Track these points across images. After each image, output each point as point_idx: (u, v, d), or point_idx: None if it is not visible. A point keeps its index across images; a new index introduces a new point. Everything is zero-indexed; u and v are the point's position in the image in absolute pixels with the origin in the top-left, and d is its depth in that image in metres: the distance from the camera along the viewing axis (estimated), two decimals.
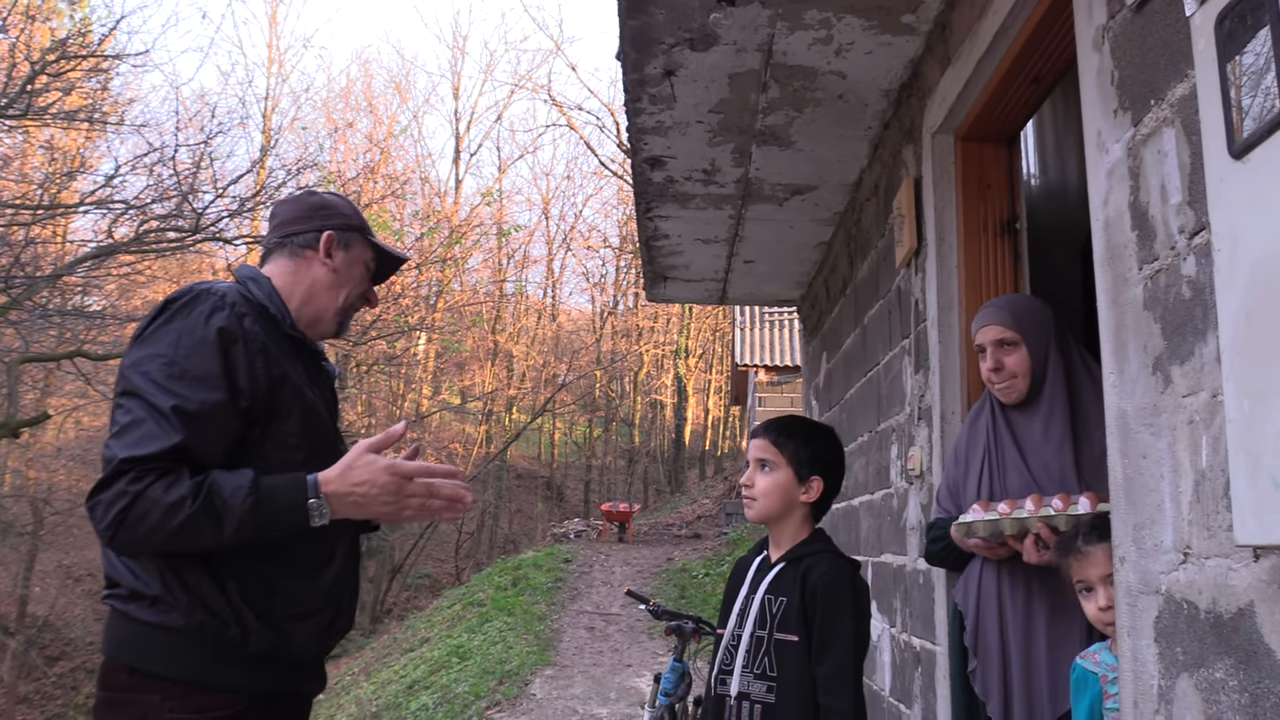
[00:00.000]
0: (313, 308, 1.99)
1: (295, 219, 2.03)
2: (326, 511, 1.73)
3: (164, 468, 1.65)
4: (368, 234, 2.09)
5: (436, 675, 9.88)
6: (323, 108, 28.12)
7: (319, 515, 1.72)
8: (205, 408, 1.70)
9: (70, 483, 20.15)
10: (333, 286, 2.02)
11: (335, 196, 2.13)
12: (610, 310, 32.01)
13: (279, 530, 1.71)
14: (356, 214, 2.11)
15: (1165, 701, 1.60)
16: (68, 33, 11.24)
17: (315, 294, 2.00)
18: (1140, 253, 1.71)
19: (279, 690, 1.81)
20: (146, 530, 1.63)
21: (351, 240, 2.05)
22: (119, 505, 1.63)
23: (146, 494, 1.63)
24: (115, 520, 1.63)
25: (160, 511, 1.62)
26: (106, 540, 1.67)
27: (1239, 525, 1.32)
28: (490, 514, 26.73)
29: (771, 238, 5.40)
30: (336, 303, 2.03)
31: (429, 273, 22.10)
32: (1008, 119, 3.06)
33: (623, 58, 3.38)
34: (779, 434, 2.23)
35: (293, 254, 2.01)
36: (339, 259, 2.03)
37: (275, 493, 1.70)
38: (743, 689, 2.12)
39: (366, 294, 2.10)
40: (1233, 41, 1.34)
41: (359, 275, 2.07)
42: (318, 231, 2.01)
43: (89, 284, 12.02)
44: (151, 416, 1.67)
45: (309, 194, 2.11)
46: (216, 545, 1.68)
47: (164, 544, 1.66)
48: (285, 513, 1.70)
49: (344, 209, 2.09)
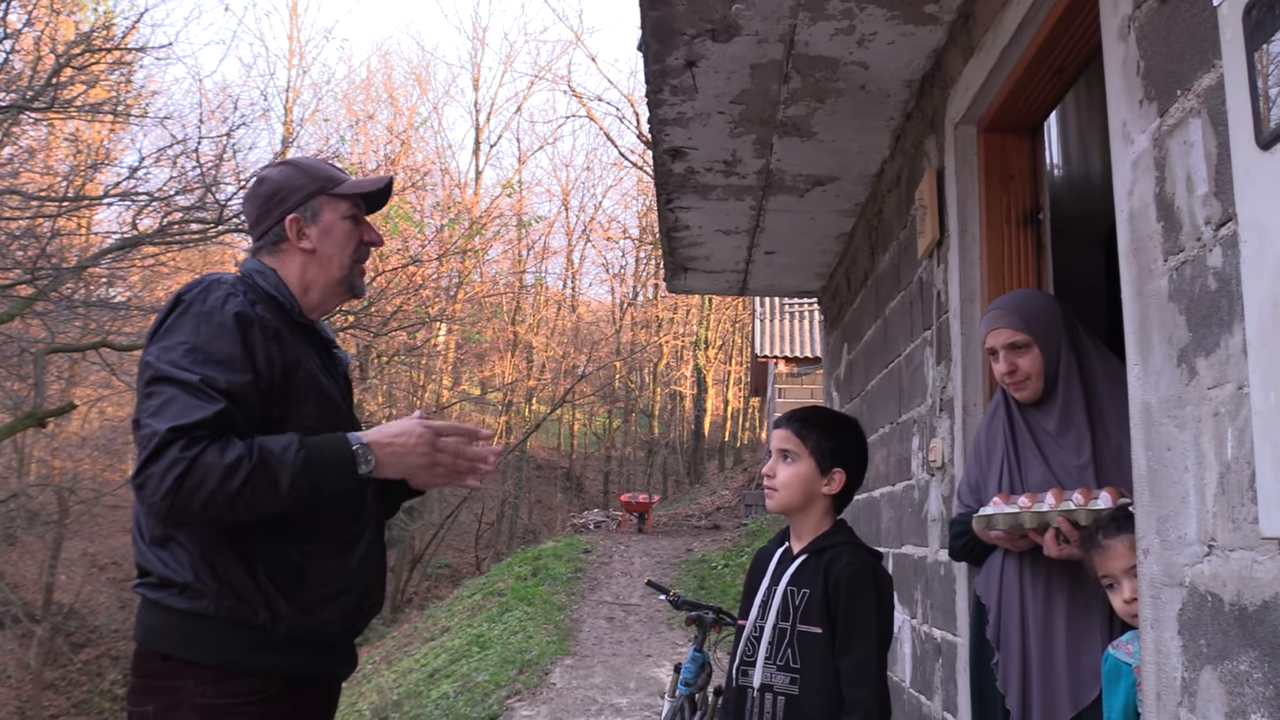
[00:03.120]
0: (315, 290, 1.98)
1: (258, 218, 1.99)
2: (372, 458, 1.77)
3: (214, 434, 1.66)
4: (333, 186, 2.00)
5: (457, 664, 9.94)
6: (343, 100, 28.25)
7: (365, 462, 1.77)
8: (234, 387, 1.72)
9: (95, 472, 20.38)
10: (322, 263, 1.98)
11: (284, 168, 2.02)
12: (630, 301, 32.01)
13: (330, 482, 1.74)
14: (313, 174, 2.00)
15: (1189, 694, 1.59)
16: (92, 26, 11.34)
17: (310, 278, 1.97)
18: (1165, 244, 1.71)
19: (310, 673, 1.83)
20: (207, 495, 1.63)
21: (318, 208, 1.98)
22: (175, 472, 1.62)
23: (202, 459, 1.63)
24: (172, 488, 1.62)
25: (219, 475, 1.63)
26: (164, 511, 1.65)
27: (1264, 518, 1.31)
28: (510, 504, 26.83)
29: (792, 229, 5.39)
30: (335, 274, 1.99)
31: (449, 264, 22.16)
32: (1031, 109, 3.04)
33: (644, 49, 3.38)
34: (802, 424, 2.22)
35: (272, 251, 1.98)
36: (313, 235, 1.97)
37: (323, 446, 1.74)
38: (765, 680, 2.12)
39: (360, 245, 2.03)
40: (1260, 31, 1.33)
41: (342, 235, 1.99)
42: (280, 221, 1.96)
43: (113, 275, 12.12)
44: (186, 391, 1.68)
45: (259, 183, 2.03)
46: (272, 505, 1.69)
47: (222, 510, 1.65)
48: (334, 464, 1.74)
49: (297, 180, 1.98)
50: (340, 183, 2.02)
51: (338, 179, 2.02)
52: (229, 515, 1.68)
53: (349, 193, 2.01)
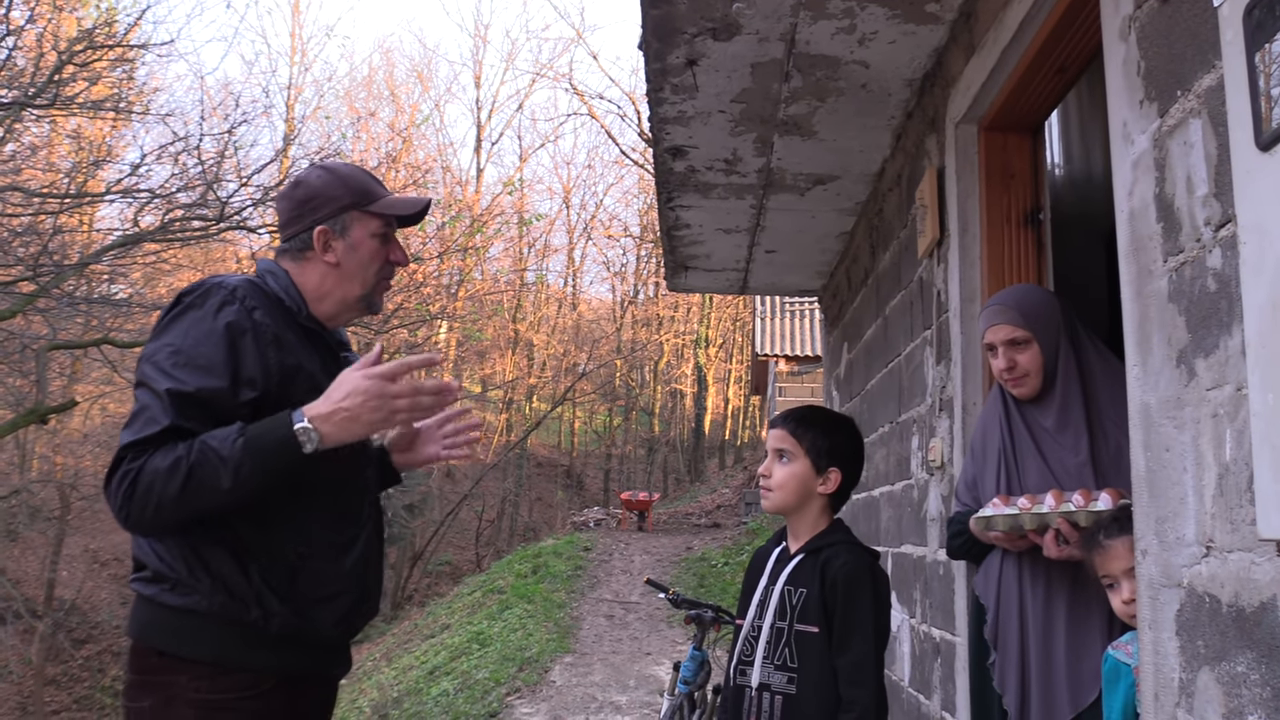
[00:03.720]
0: (330, 302, 1.95)
1: (288, 220, 1.96)
2: (315, 436, 1.72)
3: (159, 444, 1.69)
4: (368, 203, 1.95)
5: (457, 661, 9.95)
6: (345, 97, 28.27)
7: (308, 440, 1.72)
8: (202, 393, 1.72)
9: (96, 468, 20.36)
10: (342, 278, 1.94)
11: (323, 174, 1.98)
12: (630, 299, 32.02)
13: (277, 466, 1.71)
14: (350, 186, 1.95)
15: (1186, 694, 1.59)
16: (94, 23, 11.34)
17: (327, 290, 1.94)
18: (1165, 245, 1.70)
19: (304, 671, 1.84)
20: (156, 501, 1.66)
21: (349, 223, 1.93)
22: (124, 485, 1.67)
23: (146, 467, 1.67)
24: (124, 499, 1.67)
25: (161, 477, 1.65)
26: (123, 521, 1.70)
27: (1263, 519, 1.31)
28: (511, 502, 26.84)
29: (793, 228, 5.39)
30: (355, 291, 1.96)
31: (450, 261, 22.15)
32: (1032, 108, 3.04)
33: (645, 47, 3.38)
34: (797, 424, 2.22)
35: (294, 257, 1.95)
36: (339, 249, 1.93)
37: (262, 430, 1.72)
38: (763, 680, 2.12)
39: (386, 265, 1.99)
40: (1261, 32, 1.33)
41: (367, 255, 1.95)
42: (309, 230, 1.93)
43: (115, 272, 12.11)
44: (154, 403, 1.71)
45: (295, 185, 1.98)
46: (219, 498, 1.68)
47: (175, 511, 1.68)
48: (276, 445, 1.71)
49: (332, 191, 1.94)
50: (376, 199, 1.97)
51: (373, 194, 1.97)
52: (180, 515, 1.69)
53: (382, 212, 1.97)
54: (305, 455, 1.72)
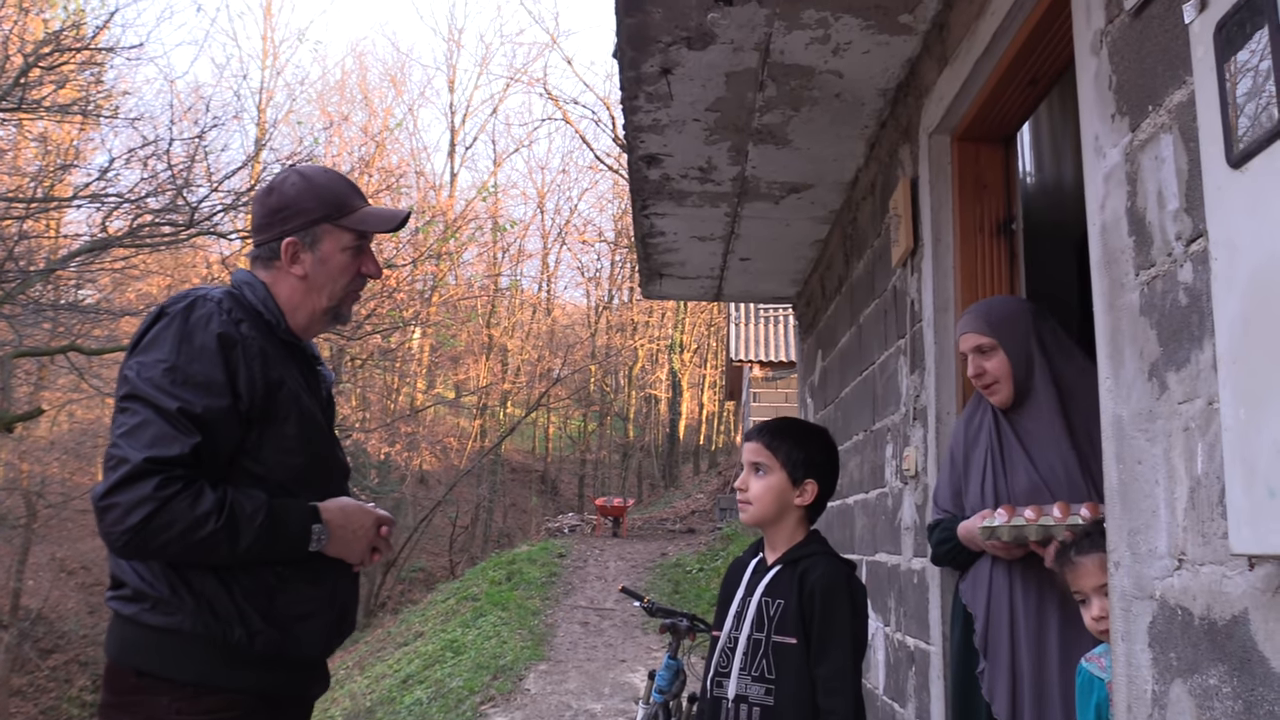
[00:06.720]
0: (301, 314, 1.93)
1: (259, 227, 1.93)
2: (325, 540, 1.80)
3: (188, 476, 1.66)
4: (341, 216, 1.91)
5: (430, 670, 9.88)
6: (317, 101, 28.07)
7: (318, 542, 1.79)
8: (210, 413, 1.70)
9: (64, 476, 20.10)
10: (310, 290, 1.92)
11: (298, 182, 1.93)
12: (605, 305, 31.99)
13: (280, 552, 1.76)
14: (324, 198, 1.91)
15: (1159, 707, 1.60)
16: (61, 25, 11.19)
17: (296, 302, 1.92)
18: (1137, 258, 1.72)
19: (285, 692, 1.82)
20: (165, 540, 1.64)
21: (320, 236, 1.90)
22: (144, 511, 1.62)
23: (173, 504, 1.63)
24: (137, 526, 1.62)
25: (185, 524, 1.64)
26: (118, 544, 1.64)
27: (1234, 534, 1.32)
28: (484, 508, 26.72)
29: (768, 235, 5.40)
30: (321, 304, 1.94)
31: (424, 267, 22.04)
32: (1004, 119, 3.06)
33: (620, 55, 3.37)
34: (772, 437, 2.22)
35: (265, 265, 1.92)
36: (308, 262, 1.90)
37: (287, 514, 1.76)
38: (740, 691, 2.12)
39: (356, 279, 1.96)
40: (1231, 48, 1.34)
41: (337, 268, 1.92)
42: (278, 240, 1.90)
43: (83, 278, 11.99)
44: (161, 418, 1.67)
45: (268, 191, 1.94)
46: (222, 561, 1.71)
47: (176, 555, 1.68)
48: (292, 536, 1.76)
49: (305, 203, 1.90)
50: (350, 212, 1.93)
51: (348, 206, 1.93)
52: (179, 559, 1.70)
53: (355, 227, 1.94)
54: (306, 550, 1.79)
